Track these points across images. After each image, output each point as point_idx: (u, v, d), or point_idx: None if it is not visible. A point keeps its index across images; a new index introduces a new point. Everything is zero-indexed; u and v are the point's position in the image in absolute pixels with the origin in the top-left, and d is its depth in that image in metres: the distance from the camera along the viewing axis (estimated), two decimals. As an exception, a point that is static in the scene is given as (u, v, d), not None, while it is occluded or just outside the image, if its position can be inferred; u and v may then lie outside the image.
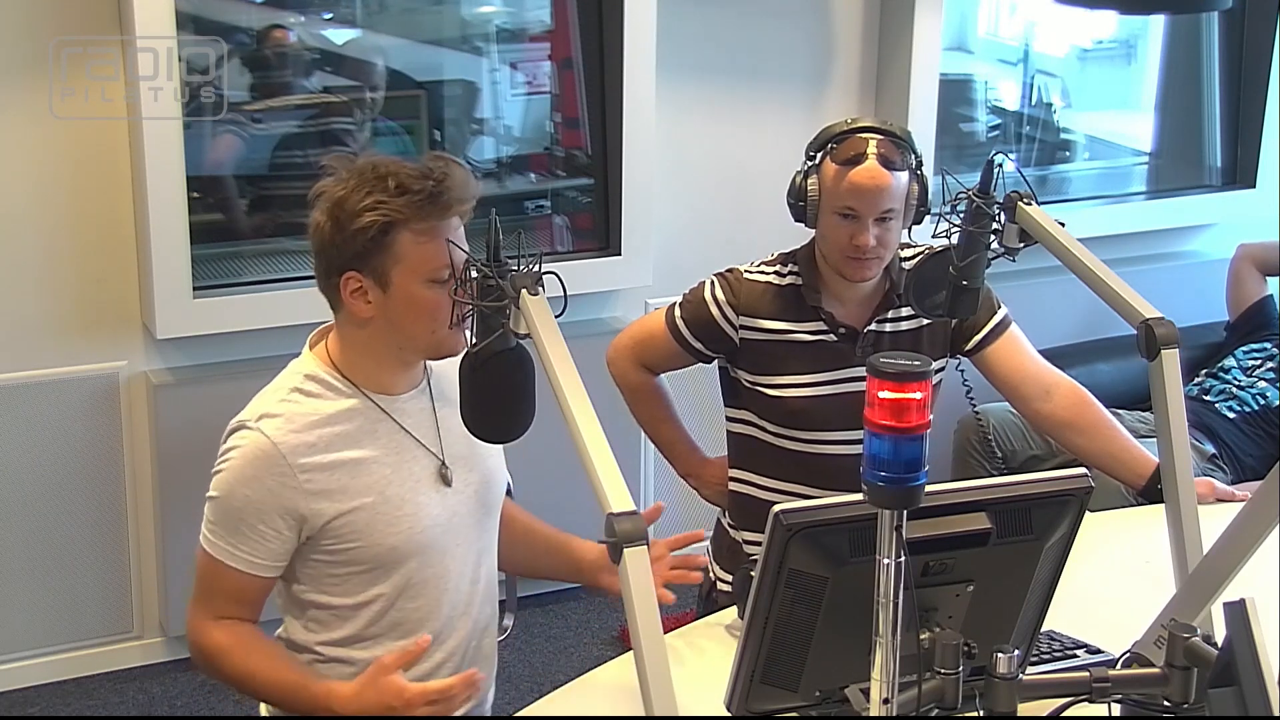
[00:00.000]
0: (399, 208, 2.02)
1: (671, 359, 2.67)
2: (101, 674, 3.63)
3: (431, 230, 2.04)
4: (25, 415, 3.43)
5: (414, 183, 2.03)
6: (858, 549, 1.66)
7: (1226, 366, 4.09)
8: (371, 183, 2.04)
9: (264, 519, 2.06)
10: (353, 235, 2.04)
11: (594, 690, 2.08)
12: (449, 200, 2.04)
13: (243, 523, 2.06)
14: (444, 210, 2.04)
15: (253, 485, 2.05)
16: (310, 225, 2.10)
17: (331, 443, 2.09)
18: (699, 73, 3.92)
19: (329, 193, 2.07)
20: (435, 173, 2.05)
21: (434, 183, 2.03)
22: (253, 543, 2.07)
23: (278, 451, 2.05)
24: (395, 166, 2.06)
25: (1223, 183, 4.69)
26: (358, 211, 2.03)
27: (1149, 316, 2.12)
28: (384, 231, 2.03)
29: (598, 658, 3.31)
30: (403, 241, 2.04)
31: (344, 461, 2.09)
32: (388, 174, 2.04)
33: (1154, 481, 2.51)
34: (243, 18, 3.64)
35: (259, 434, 2.06)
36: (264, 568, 2.09)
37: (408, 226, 2.03)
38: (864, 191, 2.43)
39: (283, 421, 2.07)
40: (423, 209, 2.03)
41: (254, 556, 2.08)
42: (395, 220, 2.03)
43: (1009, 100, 4.73)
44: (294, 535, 2.09)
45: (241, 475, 2.06)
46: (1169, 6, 3.91)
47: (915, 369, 1.51)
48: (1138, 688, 1.78)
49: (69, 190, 3.39)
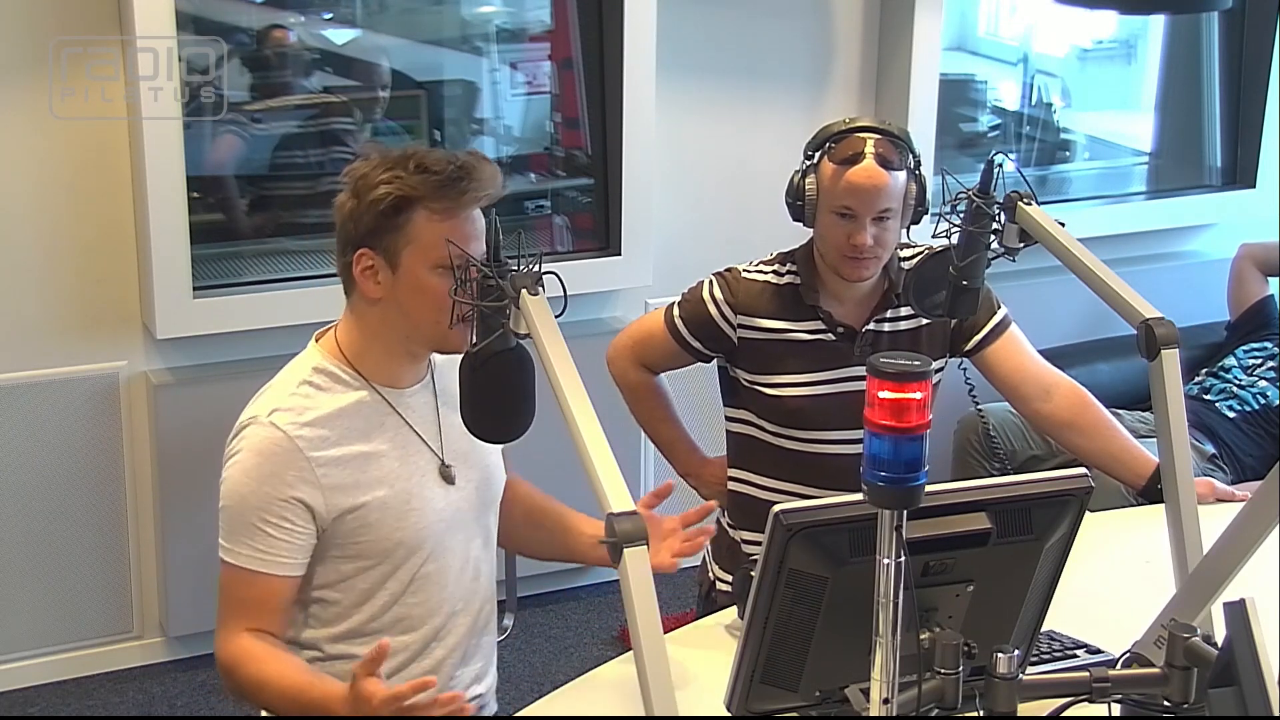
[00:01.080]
0: (415, 184, 2.05)
1: (670, 358, 2.68)
2: (101, 674, 3.63)
3: (446, 212, 2.05)
4: (25, 415, 3.43)
5: (436, 164, 2.06)
6: (858, 549, 1.66)
7: (1227, 366, 4.09)
8: (395, 162, 2.08)
9: (285, 513, 2.04)
10: (368, 207, 2.06)
11: (594, 690, 2.08)
12: (467, 185, 2.05)
13: (265, 521, 2.04)
14: (460, 194, 2.05)
15: (270, 481, 2.04)
16: (335, 203, 2.13)
17: (343, 436, 2.09)
18: (699, 73, 3.92)
19: (355, 171, 2.10)
20: (460, 159, 2.07)
21: (456, 168, 2.06)
22: (275, 540, 2.05)
23: (293, 445, 2.05)
24: (423, 152, 2.10)
25: (1223, 183, 4.69)
26: (375, 184, 2.06)
27: (1149, 316, 2.12)
28: (398, 208, 2.05)
29: (598, 658, 3.31)
30: (417, 220, 2.05)
31: (354, 455, 2.09)
32: (411, 156, 2.08)
33: (1154, 481, 2.51)
34: (243, 18, 3.64)
35: (272, 428, 2.05)
36: (289, 565, 2.07)
37: (423, 204, 2.05)
38: (861, 191, 2.43)
39: (295, 415, 2.07)
40: (440, 189, 2.05)
41: (279, 555, 2.05)
42: (410, 196, 2.05)
43: (1009, 100, 4.73)
44: (313, 529, 2.07)
45: (259, 471, 2.04)
46: (1169, 6, 3.91)
47: (915, 369, 1.51)
48: (1138, 688, 1.78)
49: (69, 190, 3.38)
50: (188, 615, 3.58)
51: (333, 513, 2.07)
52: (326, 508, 2.07)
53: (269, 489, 2.04)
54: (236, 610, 2.08)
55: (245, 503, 2.05)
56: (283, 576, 2.07)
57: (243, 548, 2.05)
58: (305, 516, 2.06)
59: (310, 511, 2.06)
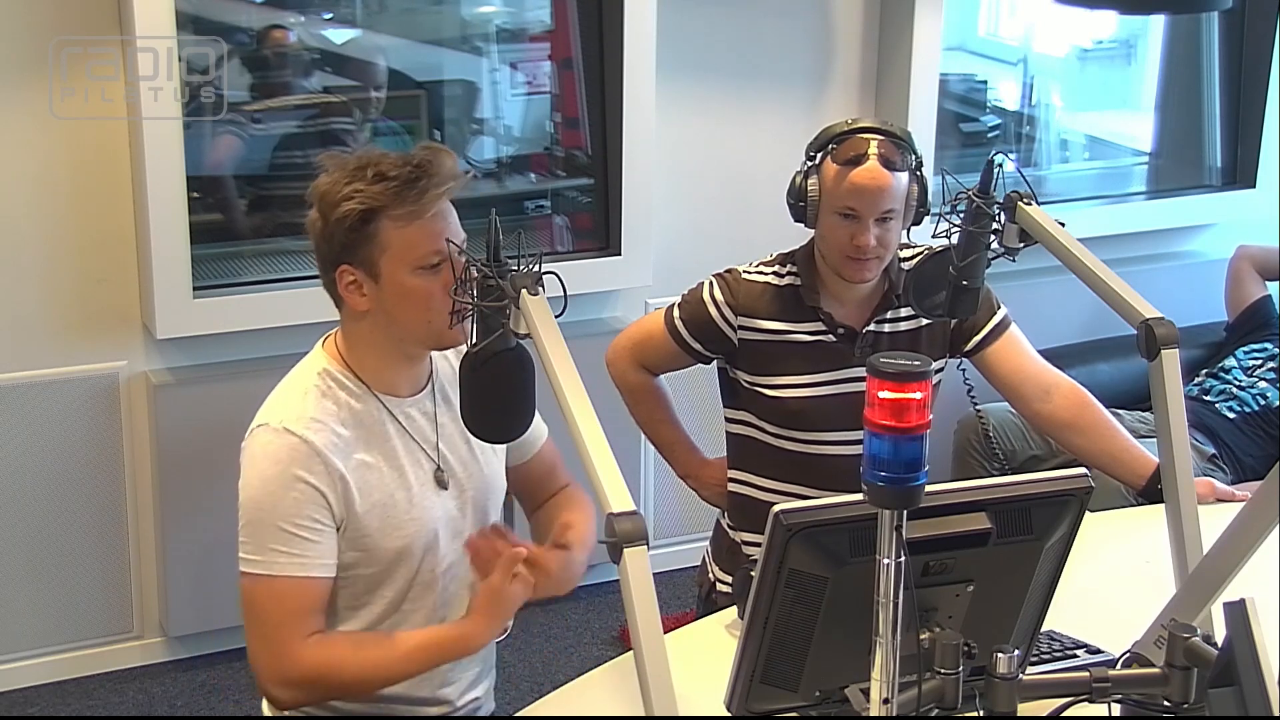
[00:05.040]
0: (375, 194, 2.04)
1: (670, 359, 2.67)
2: (101, 674, 3.62)
3: (410, 215, 2.04)
4: (25, 415, 3.43)
5: (391, 169, 2.05)
6: (858, 549, 1.66)
7: (1227, 366, 4.09)
8: (352, 173, 2.06)
9: (314, 514, 2.03)
10: (335, 225, 2.05)
11: (594, 690, 2.08)
12: (427, 185, 2.04)
13: (296, 525, 2.02)
14: (421, 194, 2.04)
15: (294, 485, 2.03)
16: (307, 223, 2.12)
17: (348, 442, 2.09)
18: (699, 73, 3.92)
19: (318, 188, 2.09)
20: (415, 159, 2.06)
21: (412, 169, 2.05)
22: (310, 543, 2.03)
23: (310, 447, 2.04)
24: (377, 157, 2.08)
25: (1223, 183, 4.68)
26: (337, 201, 2.05)
27: (1149, 316, 2.12)
28: (364, 220, 2.04)
29: (598, 658, 3.32)
30: (384, 229, 2.05)
31: (359, 464, 2.09)
32: (368, 164, 2.06)
33: (1154, 481, 2.51)
34: (243, 18, 3.64)
35: (286, 434, 2.04)
36: (327, 566, 2.06)
37: (387, 213, 2.04)
38: (865, 191, 2.43)
39: (307, 420, 2.06)
40: (399, 194, 2.04)
41: (318, 556, 2.04)
42: (373, 207, 2.04)
43: (1009, 100, 4.73)
44: (335, 528, 2.06)
45: (281, 479, 2.03)
46: (1169, 6, 3.91)
47: (915, 369, 1.52)
48: (1138, 688, 1.79)
49: (69, 190, 3.38)
50: (188, 615, 3.57)
51: (340, 515, 2.07)
52: (339, 509, 2.06)
53: (295, 493, 2.03)
54: (290, 622, 2.03)
55: (272, 511, 2.03)
56: (324, 578, 2.06)
57: (280, 557, 2.03)
58: (328, 515, 2.05)
59: (330, 510, 2.05)
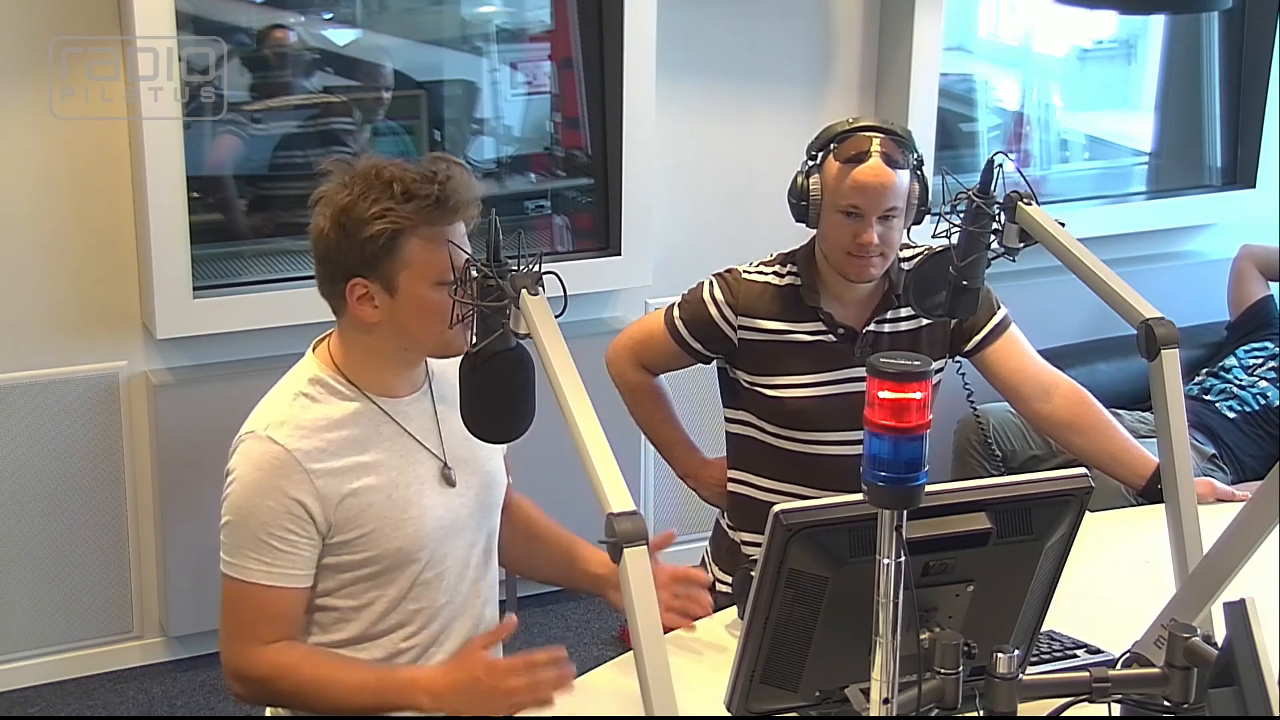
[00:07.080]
0: (408, 214, 2.02)
1: (670, 359, 2.67)
2: (101, 674, 3.63)
3: (440, 235, 2.04)
4: (25, 415, 3.43)
5: (420, 188, 2.03)
6: (858, 549, 1.66)
7: (1227, 366, 4.09)
8: (378, 189, 2.03)
9: (290, 526, 2.04)
10: (361, 244, 2.03)
11: (594, 690, 2.08)
12: (456, 204, 2.05)
13: (271, 535, 2.04)
14: (451, 215, 2.05)
15: (273, 495, 2.04)
16: (312, 230, 2.09)
17: (340, 447, 2.08)
18: (699, 73, 3.92)
19: (331, 198, 2.06)
20: (439, 176, 2.04)
21: (439, 186, 2.03)
22: (283, 554, 2.05)
23: (292, 458, 2.04)
24: (399, 171, 2.05)
25: (1223, 183, 4.68)
26: (366, 220, 2.02)
27: (1149, 316, 2.12)
28: (393, 239, 2.03)
29: (598, 658, 3.31)
30: (411, 247, 2.04)
31: (352, 466, 2.09)
32: (392, 179, 2.03)
33: (1154, 481, 2.51)
34: (243, 18, 3.64)
35: (269, 442, 2.05)
36: (299, 578, 2.07)
37: (416, 232, 2.03)
38: (868, 189, 2.43)
39: (292, 427, 2.07)
40: (431, 215, 2.03)
41: (289, 568, 2.06)
42: (405, 227, 2.02)
43: (1009, 100, 4.73)
44: (318, 539, 2.07)
45: (260, 487, 2.04)
46: (1169, 6, 3.91)
47: (915, 369, 1.52)
48: (1138, 688, 1.78)
49: (69, 190, 3.38)
50: (188, 615, 3.57)
51: (332, 522, 2.07)
52: (326, 518, 2.07)
53: (271, 502, 2.04)
54: (253, 624, 2.06)
55: (250, 518, 2.04)
56: (295, 589, 2.07)
57: (251, 563, 2.05)
58: (309, 527, 2.06)
59: (312, 522, 2.06)
